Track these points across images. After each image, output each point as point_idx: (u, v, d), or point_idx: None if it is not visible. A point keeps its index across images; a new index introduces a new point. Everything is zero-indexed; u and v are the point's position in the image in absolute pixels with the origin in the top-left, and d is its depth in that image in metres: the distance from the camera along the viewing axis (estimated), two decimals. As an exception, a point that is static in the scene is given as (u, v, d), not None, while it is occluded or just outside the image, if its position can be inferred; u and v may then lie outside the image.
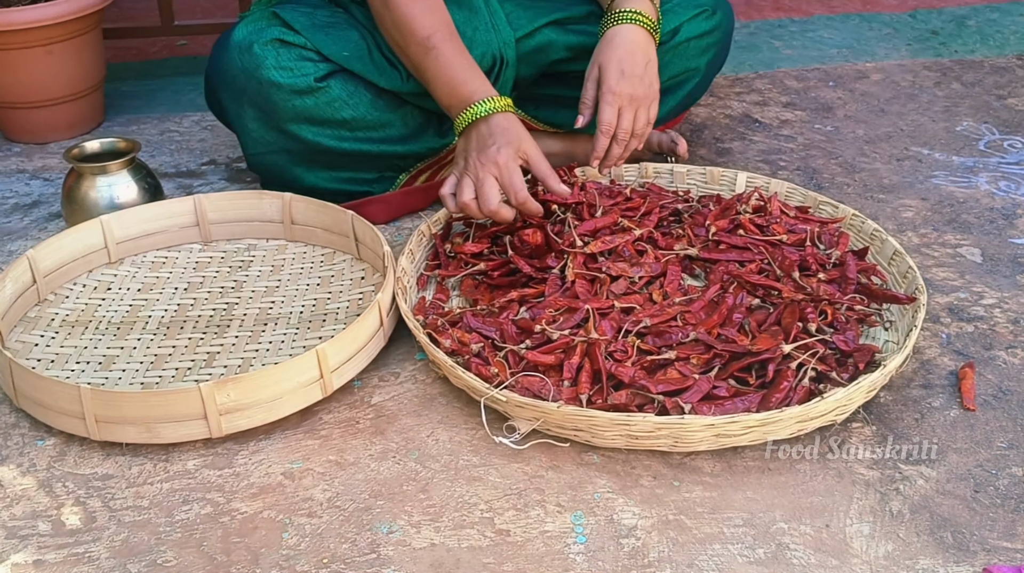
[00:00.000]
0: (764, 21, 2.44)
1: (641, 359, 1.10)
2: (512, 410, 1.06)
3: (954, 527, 0.96)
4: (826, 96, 1.98)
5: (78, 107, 1.83)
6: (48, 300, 1.32)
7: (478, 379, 1.06)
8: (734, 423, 0.99)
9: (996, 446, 1.06)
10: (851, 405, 1.06)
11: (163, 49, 2.30)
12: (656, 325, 1.16)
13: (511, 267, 1.28)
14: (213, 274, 1.38)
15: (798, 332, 1.11)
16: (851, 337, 1.12)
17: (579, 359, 1.10)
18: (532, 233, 1.28)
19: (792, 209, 1.39)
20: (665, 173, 1.52)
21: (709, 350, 1.11)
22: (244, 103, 1.40)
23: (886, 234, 1.31)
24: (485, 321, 1.18)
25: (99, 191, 1.44)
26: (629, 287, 1.24)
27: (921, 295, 1.17)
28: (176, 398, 1.03)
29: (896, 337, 1.17)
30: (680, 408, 1.03)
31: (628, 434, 1.02)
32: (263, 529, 0.97)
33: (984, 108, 1.90)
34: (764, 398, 1.04)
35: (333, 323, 1.26)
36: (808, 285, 1.20)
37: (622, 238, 1.29)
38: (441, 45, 1.32)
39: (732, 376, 1.09)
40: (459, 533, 0.96)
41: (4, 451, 1.08)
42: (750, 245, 1.30)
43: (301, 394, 1.09)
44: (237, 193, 1.45)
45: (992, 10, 2.46)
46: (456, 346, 1.14)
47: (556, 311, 1.18)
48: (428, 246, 1.37)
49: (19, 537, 0.96)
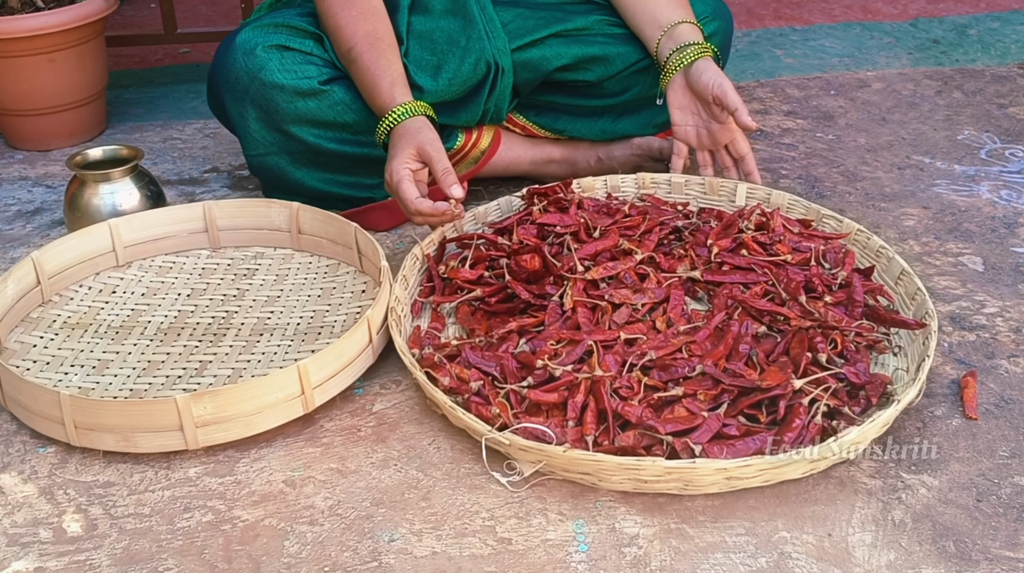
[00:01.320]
0: (765, 30, 2.44)
1: (647, 396, 1.06)
2: (515, 453, 1.02)
3: (956, 536, 0.96)
4: (827, 105, 1.98)
5: (81, 114, 1.84)
6: (52, 301, 1.32)
7: (480, 422, 1.02)
8: (747, 467, 0.96)
9: (998, 455, 1.06)
10: (864, 442, 1.03)
11: (165, 57, 2.31)
12: (661, 358, 1.11)
13: (508, 293, 1.24)
14: (217, 281, 1.38)
15: (808, 364, 1.08)
16: (862, 369, 1.09)
17: (583, 397, 1.05)
18: (530, 258, 1.24)
19: (795, 224, 1.36)
20: (663, 183, 1.48)
21: (717, 385, 1.07)
22: (246, 104, 1.41)
23: (892, 251, 1.28)
24: (484, 355, 1.13)
25: (102, 198, 1.45)
26: (632, 315, 1.20)
27: (931, 321, 1.14)
28: (153, 409, 1.03)
29: (906, 363, 1.14)
30: (690, 450, 0.99)
31: (637, 478, 0.99)
32: (264, 537, 0.97)
33: (985, 117, 1.91)
34: (776, 437, 1.01)
35: (328, 337, 1.25)
36: (815, 309, 1.17)
37: (624, 265, 1.25)
38: (360, 57, 1.36)
39: (742, 413, 1.05)
40: (461, 541, 0.96)
41: (5, 458, 1.08)
42: (754, 265, 1.26)
43: (281, 409, 1.08)
44: (246, 201, 1.45)
45: (993, 19, 2.46)
46: (455, 384, 1.09)
47: (557, 344, 1.14)
48: (422, 270, 1.32)
49: (20, 544, 0.96)
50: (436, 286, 1.28)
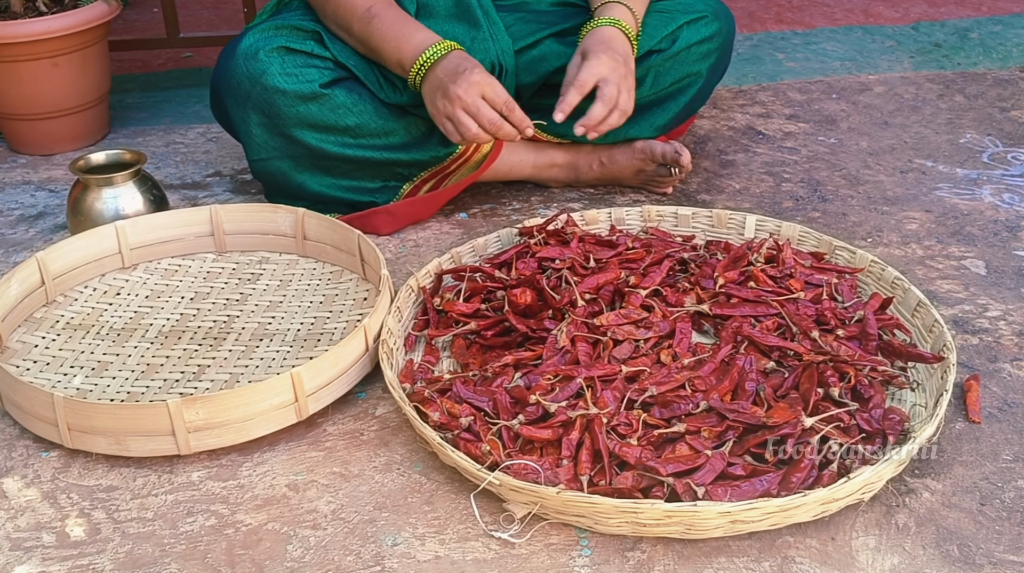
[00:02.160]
0: (767, 33, 2.45)
1: (647, 433, 1.01)
2: (507, 494, 0.97)
3: (960, 540, 0.96)
4: (829, 108, 1.98)
5: (84, 119, 1.84)
6: (57, 302, 1.33)
7: (468, 460, 0.98)
8: (752, 510, 0.91)
9: (1002, 459, 1.06)
10: (880, 482, 0.98)
11: (168, 61, 2.31)
12: (663, 393, 1.06)
13: (505, 326, 1.20)
14: (221, 285, 1.38)
15: (818, 400, 1.03)
16: (877, 414, 1.03)
17: (579, 435, 1.01)
18: (521, 293, 1.20)
19: (806, 257, 1.31)
20: (669, 216, 1.44)
21: (722, 421, 1.02)
22: (249, 109, 1.41)
23: (907, 282, 1.24)
24: (477, 390, 1.09)
25: (105, 203, 1.45)
26: (636, 350, 1.15)
27: (950, 354, 1.10)
28: (145, 413, 1.03)
29: (924, 399, 1.09)
30: (692, 491, 0.94)
31: (635, 522, 0.94)
32: (267, 541, 0.97)
33: (987, 120, 1.91)
34: (784, 478, 0.95)
35: (327, 343, 1.25)
36: (827, 343, 1.13)
37: (627, 314, 1.18)
38: (382, 12, 1.39)
39: (748, 451, 1.00)
40: (464, 545, 0.96)
41: (8, 462, 1.08)
42: (763, 297, 1.21)
43: (274, 417, 1.08)
44: (253, 205, 1.45)
45: (995, 23, 2.47)
46: (445, 419, 1.05)
47: (553, 379, 1.09)
48: (417, 302, 1.28)
49: (24, 549, 0.96)
50: (431, 319, 1.24)
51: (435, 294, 1.28)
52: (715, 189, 1.64)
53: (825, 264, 1.32)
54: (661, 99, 1.56)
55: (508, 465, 0.98)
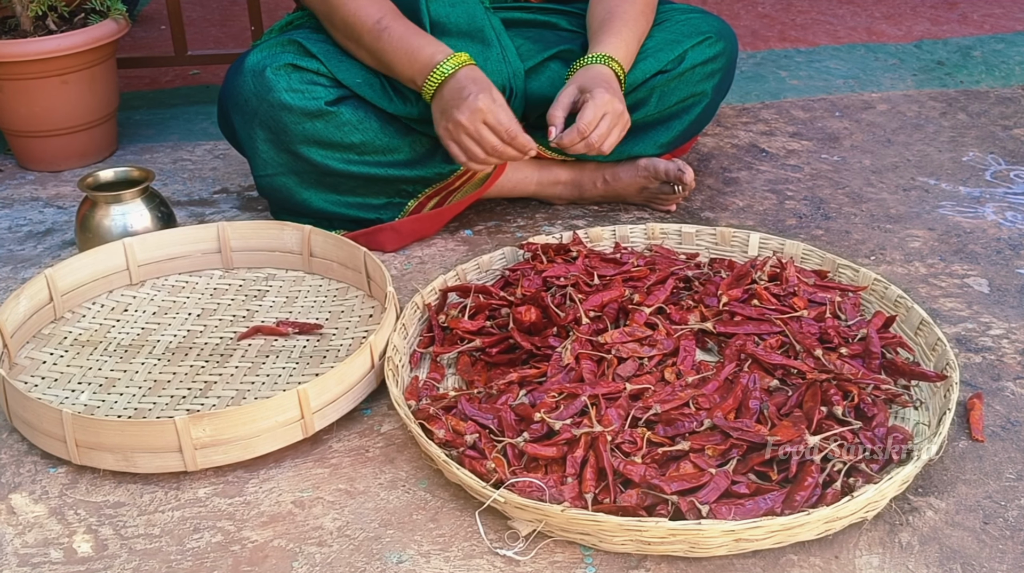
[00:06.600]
0: (770, 51, 2.46)
1: (652, 451, 1.02)
2: (511, 511, 0.98)
3: (963, 559, 0.96)
4: (832, 126, 1.99)
5: (92, 136, 1.85)
6: (65, 318, 1.34)
7: (473, 477, 0.98)
8: (756, 528, 0.92)
9: (1005, 477, 1.06)
10: (883, 501, 0.99)
11: (176, 78, 2.33)
12: (667, 411, 1.07)
13: (510, 343, 1.20)
14: (228, 302, 1.39)
15: (822, 418, 1.04)
16: (880, 433, 1.04)
17: (583, 452, 1.01)
18: (525, 310, 1.21)
19: (810, 275, 1.32)
20: (673, 234, 1.45)
21: (726, 440, 1.03)
22: (255, 125, 1.43)
23: (911, 301, 1.25)
24: (482, 407, 1.09)
25: (113, 219, 1.46)
26: (640, 368, 1.16)
27: (953, 373, 1.10)
28: (152, 429, 1.04)
29: (927, 417, 1.10)
30: (696, 510, 0.94)
31: (639, 540, 0.94)
32: (273, 558, 0.97)
33: (990, 138, 1.91)
34: (788, 496, 0.96)
35: (333, 360, 1.25)
36: (830, 361, 1.14)
37: (631, 332, 1.19)
38: (392, 24, 1.40)
39: (752, 470, 1.01)
40: (469, 563, 0.96)
41: (17, 478, 1.08)
42: (766, 315, 1.22)
43: (280, 433, 1.08)
44: (260, 223, 1.46)
45: (997, 41, 2.48)
46: (450, 436, 1.05)
47: (558, 396, 1.09)
48: (422, 319, 1.28)
49: (31, 565, 0.97)
50: (436, 336, 1.25)
51: (440, 311, 1.28)
52: (719, 207, 1.65)
53: (828, 282, 1.33)
54: (666, 118, 1.57)
55: (513, 482, 0.98)
